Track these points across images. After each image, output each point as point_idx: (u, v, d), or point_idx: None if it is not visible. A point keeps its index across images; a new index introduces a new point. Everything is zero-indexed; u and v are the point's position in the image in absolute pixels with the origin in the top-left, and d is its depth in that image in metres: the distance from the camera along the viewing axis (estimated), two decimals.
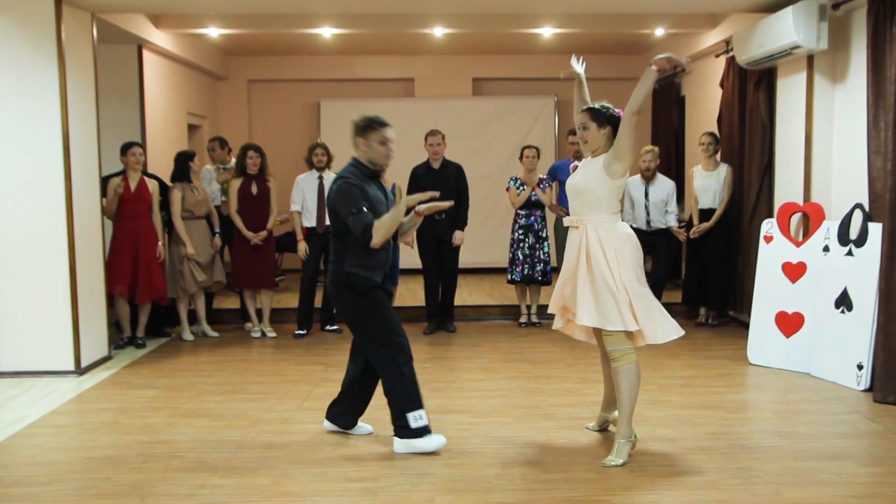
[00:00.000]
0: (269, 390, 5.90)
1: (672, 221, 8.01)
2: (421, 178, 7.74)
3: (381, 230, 4.39)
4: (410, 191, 7.72)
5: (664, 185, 8.05)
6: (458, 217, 7.82)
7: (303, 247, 7.75)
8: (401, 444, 4.52)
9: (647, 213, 8.03)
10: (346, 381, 4.85)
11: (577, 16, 8.20)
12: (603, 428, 4.83)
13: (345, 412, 4.86)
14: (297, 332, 7.84)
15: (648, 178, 8.03)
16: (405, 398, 4.50)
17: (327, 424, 4.91)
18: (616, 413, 4.50)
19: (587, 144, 4.42)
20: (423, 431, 4.50)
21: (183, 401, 5.66)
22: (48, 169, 6.24)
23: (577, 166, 4.59)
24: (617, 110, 4.43)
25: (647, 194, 8.01)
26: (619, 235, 4.34)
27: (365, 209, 4.40)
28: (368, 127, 4.54)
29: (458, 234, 7.86)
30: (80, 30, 6.55)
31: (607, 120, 4.39)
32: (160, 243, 7.31)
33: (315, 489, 4.04)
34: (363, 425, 4.91)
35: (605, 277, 4.25)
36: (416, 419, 4.48)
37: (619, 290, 4.24)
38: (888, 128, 5.51)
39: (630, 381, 4.31)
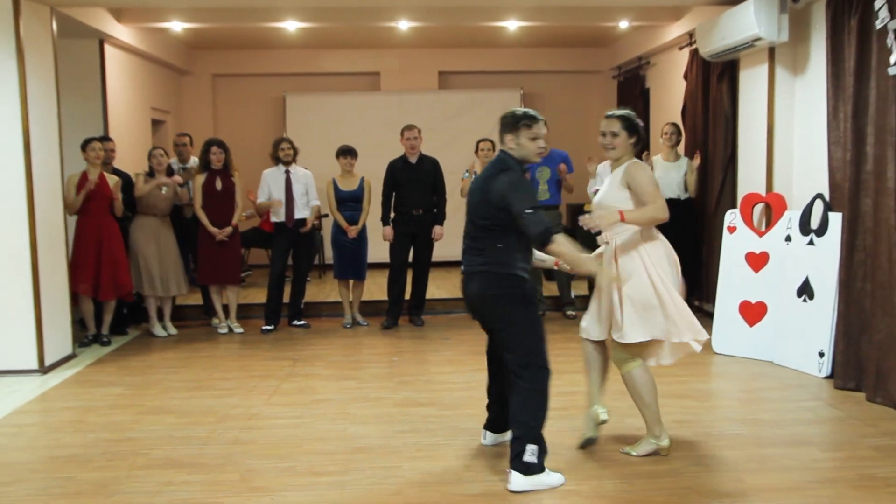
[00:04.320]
0: (236, 386, 5.87)
1: None
2: (398, 173, 7.72)
3: (563, 247, 3.96)
4: (388, 185, 7.70)
5: None
6: (437, 212, 7.82)
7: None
8: (521, 481, 3.94)
9: None
10: (496, 393, 4.56)
11: (542, 9, 8.23)
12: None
13: (495, 418, 4.56)
14: (264, 328, 7.79)
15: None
16: (541, 421, 4.02)
17: (488, 438, 4.58)
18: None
19: (614, 151, 4.31)
20: (540, 468, 3.98)
21: (149, 398, 5.62)
22: (8, 166, 6.14)
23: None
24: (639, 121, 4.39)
25: None
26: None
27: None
28: (518, 123, 4.08)
29: (437, 230, 7.84)
30: (39, 24, 6.44)
31: (636, 130, 4.31)
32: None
33: (283, 484, 4.03)
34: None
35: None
36: (532, 453, 3.95)
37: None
38: (847, 119, 5.59)
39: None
